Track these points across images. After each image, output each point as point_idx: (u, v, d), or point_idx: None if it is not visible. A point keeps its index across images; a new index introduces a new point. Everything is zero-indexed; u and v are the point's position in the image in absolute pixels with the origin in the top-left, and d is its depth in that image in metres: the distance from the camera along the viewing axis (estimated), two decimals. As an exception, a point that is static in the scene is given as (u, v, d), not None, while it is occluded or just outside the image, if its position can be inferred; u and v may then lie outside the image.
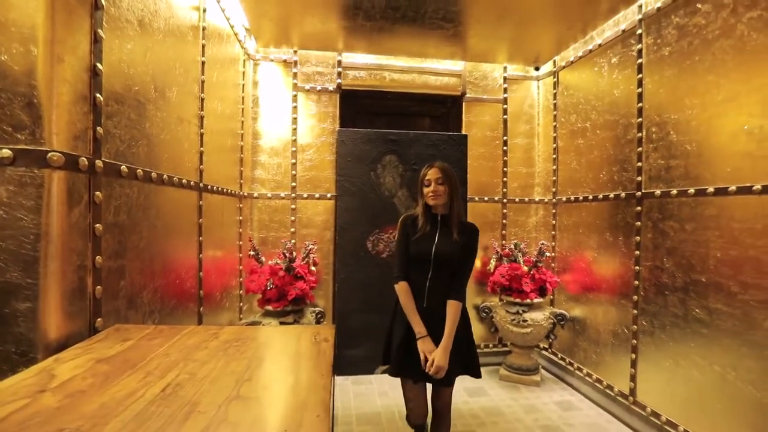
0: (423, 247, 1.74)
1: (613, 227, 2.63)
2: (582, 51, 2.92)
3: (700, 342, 2.02)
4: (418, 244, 1.75)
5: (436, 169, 1.78)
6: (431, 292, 1.75)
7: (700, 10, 2.06)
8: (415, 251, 1.76)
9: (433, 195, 1.74)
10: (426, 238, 1.76)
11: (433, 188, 1.74)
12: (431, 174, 1.77)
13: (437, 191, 1.74)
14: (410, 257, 1.77)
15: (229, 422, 0.70)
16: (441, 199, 1.75)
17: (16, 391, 0.80)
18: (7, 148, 1.02)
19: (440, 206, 1.77)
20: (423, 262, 1.75)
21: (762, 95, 1.79)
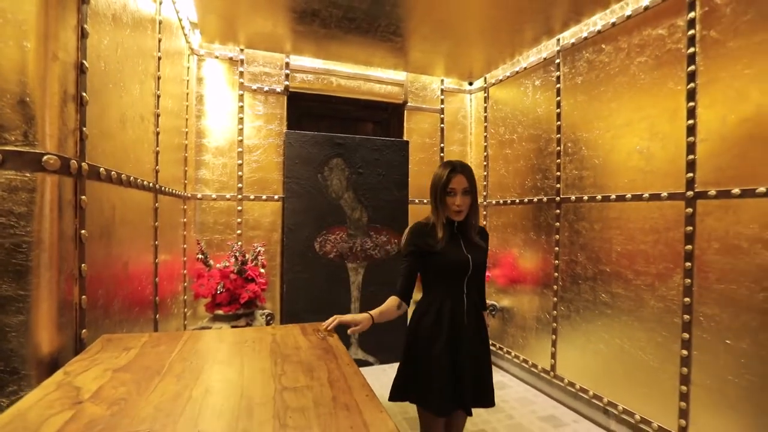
0: (456, 256, 1.51)
1: (536, 227, 3.06)
2: (510, 71, 3.34)
3: (605, 321, 2.49)
4: (448, 255, 1.50)
5: (462, 177, 1.48)
6: (470, 307, 1.54)
7: (604, 50, 2.54)
8: (448, 262, 1.51)
9: (457, 210, 1.48)
10: (453, 247, 1.52)
11: (459, 200, 1.47)
12: (457, 182, 1.48)
13: (463, 205, 1.49)
14: (439, 271, 1.52)
15: (294, 408, 0.79)
16: (465, 213, 1.52)
17: (50, 404, 0.78)
18: (-5, 149, 0.95)
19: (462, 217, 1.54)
20: (458, 274, 1.52)
21: (648, 123, 2.27)
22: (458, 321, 1.51)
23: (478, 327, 1.58)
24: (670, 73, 2.16)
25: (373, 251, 3.37)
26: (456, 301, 1.53)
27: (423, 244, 1.52)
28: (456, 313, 1.52)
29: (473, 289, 1.57)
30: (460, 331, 1.50)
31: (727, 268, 1.91)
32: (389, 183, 3.42)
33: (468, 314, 1.54)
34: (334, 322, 1.47)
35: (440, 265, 1.51)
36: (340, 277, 3.27)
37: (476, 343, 1.55)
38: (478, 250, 1.57)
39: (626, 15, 2.38)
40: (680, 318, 2.08)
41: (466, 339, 1.50)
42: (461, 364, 1.48)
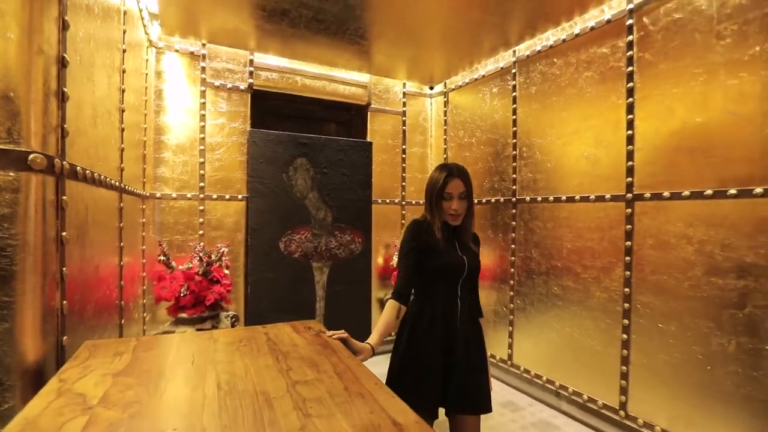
0: (453, 258, 1.48)
1: (494, 226, 3.26)
2: (469, 78, 3.52)
3: (556, 312, 2.73)
4: (446, 256, 1.47)
5: (459, 182, 1.45)
6: (464, 310, 1.51)
7: (556, 63, 2.78)
8: (445, 263, 1.47)
9: (454, 215, 1.46)
10: (449, 249, 1.49)
11: (455, 205, 1.45)
12: (454, 186, 1.45)
13: (460, 209, 1.46)
14: (434, 271, 1.48)
15: (312, 399, 0.84)
16: (461, 218, 1.50)
17: (58, 411, 0.77)
18: (-27, 147, 0.89)
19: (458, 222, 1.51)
20: (453, 277, 1.49)
21: (594, 132, 2.53)
22: (452, 326, 1.47)
23: (474, 332, 1.54)
24: (612, 87, 2.42)
25: (337, 250, 3.40)
26: (450, 304, 1.48)
27: (423, 242, 1.48)
28: (450, 318, 1.47)
29: (467, 293, 1.53)
30: (455, 335, 1.46)
31: (659, 261, 2.18)
32: (353, 183, 3.47)
33: (462, 318, 1.49)
34: (342, 335, 1.33)
35: (437, 266, 1.46)
36: (305, 276, 3.27)
37: (471, 348, 1.50)
38: (473, 254, 1.54)
39: (575, 33, 2.62)
40: (621, 306, 2.34)
41: (459, 343, 1.46)
42: (453, 368, 1.44)
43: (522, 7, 2.51)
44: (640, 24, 2.29)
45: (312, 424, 0.74)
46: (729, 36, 1.93)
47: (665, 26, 2.18)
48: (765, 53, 1.81)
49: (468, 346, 1.49)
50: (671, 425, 2.11)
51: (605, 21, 2.45)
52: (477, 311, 1.63)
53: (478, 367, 1.53)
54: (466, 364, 1.47)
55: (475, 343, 1.53)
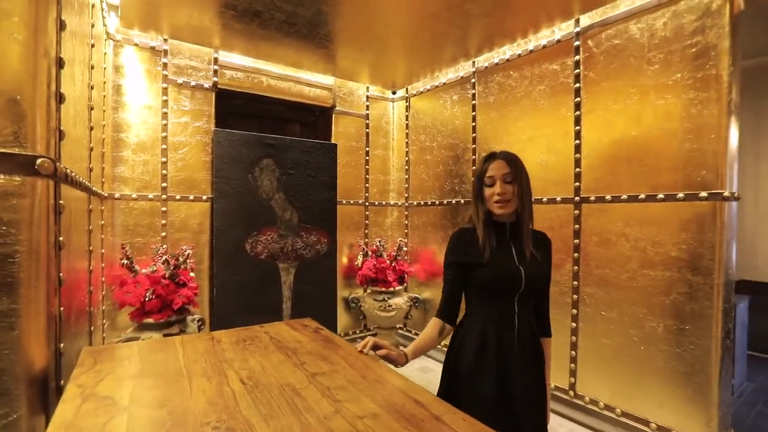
0: (505, 269, 1.25)
1: (454, 226, 3.47)
2: (430, 85, 3.70)
3: (513, 304, 2.98)
4: (495, 267, 1.25)
5: (501, 162, 1.25)
6: (522, 330, 1.27)
7: (512, 76, 3.02)
8: (493, 277, 1.25)
9: (500, 200, 1.23)
10: (502, 258, 1.26)
11: (499, 189, 1.22)
12: (495, 168, 1.25)
13: (505, 193, 1.22)
14: (481, 287, 1.28)
15: (335, 387, 0.92)
16: (511, 205, 1.25)
17: (93, 413, 0.79)
18: (-24, 150, 0.87)
19: (508, 214, 1.27)
20: (506, 292, 1.26)
21: (546, 140, 2.80)
22: (507, 348, 1.24)
23: (533, 356, 1.29)
24: (562, 101, 2.70)
25: (303, 251, 3.43)
26: (505, 324, 1.25)
27: (464, 255, 1.28)
28: (504, 340, 1.24)
29: (527, 310, 1.29)
30: (511, 360, 1.23)
31: (602, 256, 2.48)
32: (319, 184, 3.52)
33: (520, 340, 1.25)
34: (369, 344, 1.20)
35: (484, 280, 1.25)
36: (271, 277, 3.27)
37: (530, 376, 1.27)
38: (533, 262, 1.27)
39: (529, 49, 2.88)
40: (570, 298, 2.63)
41: (518, 370, 1.23)
42: (514, 401, 1.21)
43: (481, 23, 2.71)
44: (586, 46, 2.58)
45: (344, 408, 0.82)
46: (657, 63, 2.25)
47: (606, 49, 2.48)
48: (684, 79, 2.14)
49: (526, 374, 1.25)
50: (612, 400, 2.41)
51: (556, 41, 2.72)
52: (547, 329, 1.39)
53: (537, 402, 1.30)
54: (527, 400, 1.24)
55: (533, 371, 1.29)
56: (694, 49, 2.12)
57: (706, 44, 2.08)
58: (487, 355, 1.24)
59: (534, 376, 1.29)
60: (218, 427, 0.74)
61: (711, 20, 2.07)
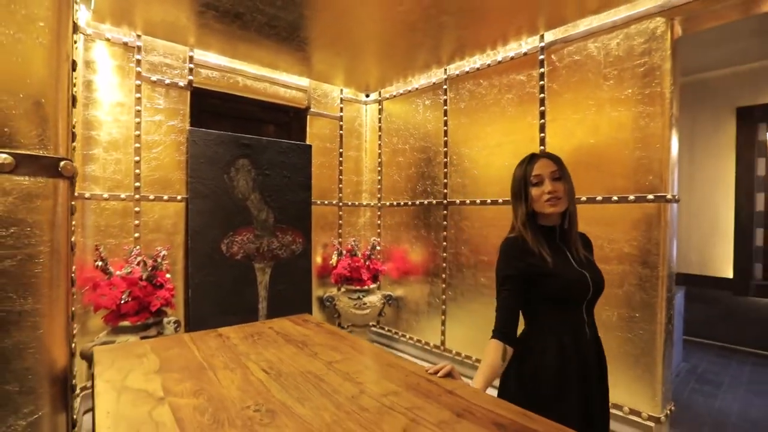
0: (572, 276, 1.18)
1: (426, 226, 3.63)
2: (403, 89, 3.84)
3: (484, 299, 3.18)
4: (564, 275, 1.17)
5: (547, 161, 1.22)
6: (593, 338, 1.22)
7: (482, 84, 3.22)
8: (564, 285, 1.17)
9: (551, 198, 1.19)
10: (562, 265, 1.19)
11: (550, 186, 1.19)
12: (542, 167, 1.22)
13: (557, 191, 1.19)
14: (552, 299, 1.20)
15: (353, 372, 1.02)
16: (562, 203, 1.21)
17: (134, 403, 0.84)
18: (6, 152, 0.88)
19: (555, 215, 1.23)
20: (577, 299, 1.19)
21: (513, 145, 3.01)
22: (587, 361, 1.17)
23: (602, 366, 1.24)
24: (528, 110, 2.92)
25: (279, 251, 3.46)
26: (578, 335, 1.17)
27: (526, 266, 1.20)
28: (582, 351, 1.16)
29: (593, 317, 1.24)
30: (590, 372, 1.16)
31: (564, 253, 2.72)
32: (294, 185, 3.55)
33: (592, 351, 1.19)
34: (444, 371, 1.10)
35: (554, 290, 1.16)
36: (247, 277, 3.27)
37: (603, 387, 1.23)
38: (591, 265, 1.24)
39: (498, 60, 3.09)
40: (535, 291, 2.85)
41: (596, 382, 1.17)
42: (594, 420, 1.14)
43: (454, 34, 2.88)
44: (549, 59, 2.81)
45: (367, 389, 0.93)
46: (612, 78, 2.52)
47: (568, 64, 2.72)
48: (635, 95, 2.42)
49: (602, 383, 1.22)
50: (574, 383, 2.65)
51: (522, 53, 2.95)
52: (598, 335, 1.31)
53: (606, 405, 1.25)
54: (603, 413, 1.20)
55: (603, 378, 1.25)
56: (642, 68, 2.39)
57: (652, 65, 2.36)
58: (570, 374, 1.13)
59: (605, 390, 1.22)
60: (259, 409, 0.82)
61: (656, 44, 2.35)
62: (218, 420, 0.77)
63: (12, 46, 0.87)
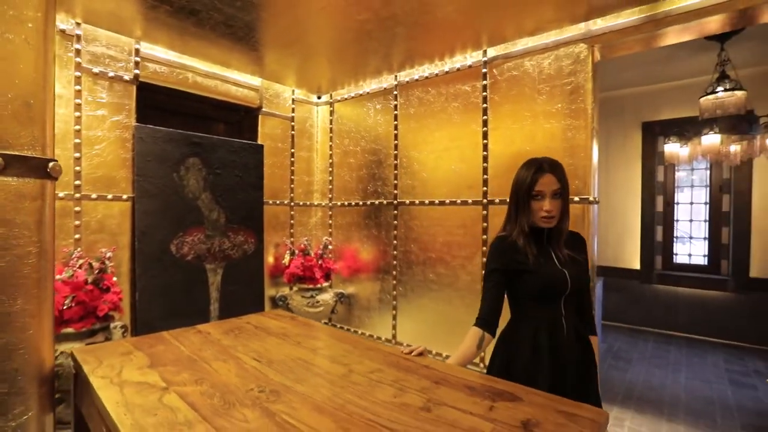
0: (550, 273, 1.30)
1: (377, 225, 3.79)
2: (354, 93, 3.97)
3: (432, 295, 3.41)
4: (542, 273, 1.30)
5: (552, 178, 1.31)
6: (571, 333, 1.32)
7: (431, 92, 3.45)
8: (542, 282, 1.30)
9: (547, 216, 1.29)
10: (546, 262, 1.32)
11: (548, 206, 1.29)
12: (545, 183, 1.30)
13: (553, 210, 1.30)
14: (530, 294, 1.33)
15: (337, 356, 1.13)
16: (556, 219, 1.32)
17: (140, 393, 0.89)
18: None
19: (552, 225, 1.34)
20: (553, 296, 1.31)
21: (459, 151, 3.27)
22: (560, 354, 1.28)
23: (583, 357, 1.33)
24: (473, 118, 3.19)
25: (231, 251, 3.43)
26: (554, 327, 1.29)
27: (510, 262, 1.34)
28: (556, 344, 1.28)
29: (572, 312, 1.34)
30: (565, 364, 1.27)
31: (504, 249, 3.02)
32: (246, 184, 3.54)
33: (568, 342, 1.29)
34: (416, 351, 1.26)
35: (533, 286, 1.31)
36: (198, 279, 3.21)
37: (581, 376, 1.31)
38: (574, 263, 1.33)
39: (445, 70, 3.33)
40: (480, 285, 3.13)
41: (571, 373, 1.27)
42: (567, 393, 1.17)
43: (405, 44, 3.06)
44: (491, 73, 3.10)
45: (354, 368, 1.05)
46: (545, 94, 2.85)
47: (507, 78, 3.03)
48: (563, 109, 2.76)
49: (577, 371, 1.30)
50: (513, 366, 2.95)
51: (468, 66, 3.21)
52: (587, 329, 1.41)
53: (588, 396, 1.32)
54: (576, 392, 1.27)
55: (583, 367, 1.33)
56: (569, 86, 2.75)
57: (577, 84, 2.72)
58: (542, 366, 1.25)
59: (584, 379, 1.30)
60: (262, 390, 0.91)
61: (580, 66, 2.71)
62: (228, 402, 0.85)
63: (1, 46, 0.87)
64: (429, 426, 0.78)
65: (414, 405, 0.86)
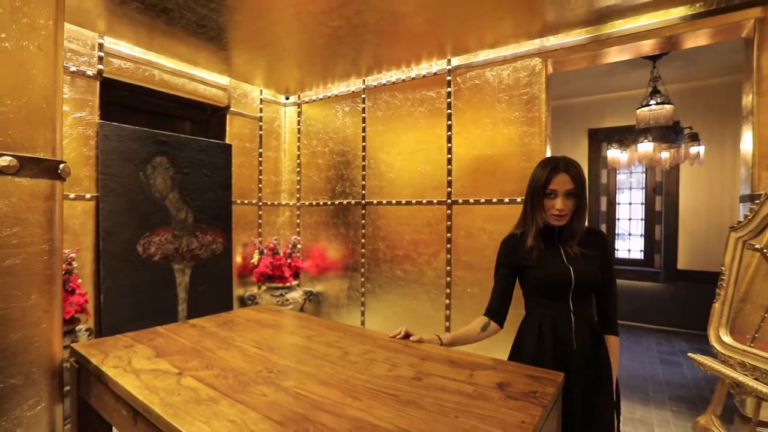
0: (553, 271, 1.34)
1: (346, 224, 3.91)
2: (323, 95, 4.06)
3: (399, 290, 3.58)
4: (546, 268, 1.35)
5: (566, 177, 1.32)
6: (581, 328, 1.32)
7: (398, 96, 3.62)
8: (545, 277, 1.35)
9: (558, 215, 1.33)
10: (551, 258, 1.36)
11: (560, 205, 1.31)
12: (559, 183, 1.32)
13: (565, 209, 1.32)
14: (533, 288, 1.40)
15: (331, 342, 1.26)
16: (567, 218, 1.34)
17: (158, 378, 0.97)
18: (10, 155, 0.93)
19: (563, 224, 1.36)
20: (558, 291, 1.34)
21: (425, 153, 3.47)
22: (565, 346, 1.30)
23: (594, 355, 1.33)
24: (438, 122, 3.39)
25: (199, 251, 3.41)
26: (561, 321, 1.33)
27: (516, 258, 1.42)
28: (561, 337, 1.31)
29: (584, 307, 1.35)
30: (570, 358, 1.29)
31: (467, 246, 3.25)
32: (214, 184, 3.53)
33: (577, 338, 1.31)
34: (402, 332, 1.36)
35: (534, 281, 1.37)
36: (165, 279, 3.18)
37: (590, 374, 1.31)
38: (583, 260, 1.34)
39: (411, 77, 3.52)
40: (444, 280, 3.34)
41: (575, 367, 1.28)
42: (568, 399, 1.23)
43: (373, 50, 3.21)
44: (455, 81, 3.32)
45: (348, 351, 1.18)
46: (503, 102, 3.10)
47: (469, 87, 3.25)
48: (521, 117, 3.03)
49: (584, 375, 1.29)
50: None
51: (433, 73, 3.41)
52: (605, 327, 1.41)
53: (601, 400, 1.32)
54: (585, 396, 1.28)
55: (595, 365, 1.33)
56: (526, 96, 3.01)
57: (533, 94, 2.99)
58: (545, 353, 1.30)
59: (594, 377, 1.30)
60: (271, 371, 1.02)
61: (535, 78, 2.99)
62: (242, 381, 0.95)
63: (16, 53, 0.91)
64: (423, 390, 0.93)
65: (407, 376, 1.01)
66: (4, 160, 0.91)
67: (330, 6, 2.49)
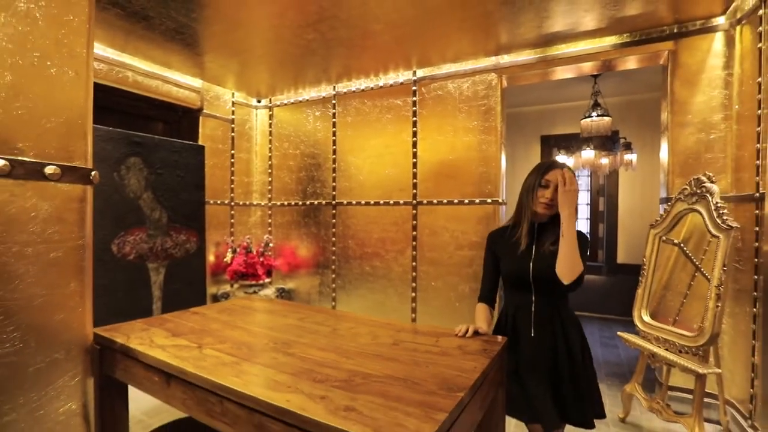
0: (518, 265, 1.48)
1: (317, 224, 4.13)
2: (294, 99, 4.25)
3: (369, 286, 3.85)
4: (512, 263, 1.51)
5: (567, 173, 1.42)
6: (538, 318, 1.46)
7: (367, 103, 3.88)
8: (509, 271, 1.52)
9: (547, 203, 1.45)
10: (522, 254, 1.49)
11: (550, 194, 1.44)
12: (555, 176, 1.44)
13: (553, 201, 1.44)
14: (504, 278, 1.57)
15: (320, 323, 1.50)
16: (553, 210, 1.46)
17: (183, 350, 1.18)
18: (55, 164, 1.10)
19: (545, 215, 1.49)
20: (521, 284, 1.49)
21: (392, 157, 3.76)
22: (523, 332, 1.48)
23: (552, 346, 1.45)
24: (404, 128, 3.69)
25: (173, 250, 3.52)
26: (522, 312, 1.49)
27: (496, 249, 1.61)
28: (522, 326, 1.48)
29: (545, 302, 1.47)
30: (524, 343, 1.46)
31: (432, 243, 3.57)
32: (188, 184, 3.64)
33: (536, 327, 1.45)
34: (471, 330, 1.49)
35: (503, 272, 1.57)
36: (140, 278, 3.27)
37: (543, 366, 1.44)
38: (549, 257, 1.45)
39: (380, 85, 3.79)
40: (410, 275, 3.64)
41: (529, 353, 1.44)
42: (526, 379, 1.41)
43: (343, 60, 3.46)
44: (420, 91, 3.63)
45: (340, 328, 1.43)
46: (464, 112, 3.44)
47: (433, 97, 3.57)
48: (479, 126, 3.38)
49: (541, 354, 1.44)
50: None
51: (400, 83, 3.70)
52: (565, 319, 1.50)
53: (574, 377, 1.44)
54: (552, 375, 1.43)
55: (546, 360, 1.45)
56: (483, 107, 3.37)
57: (490, 105, 3.35)
58: (514, 336, 1.50)
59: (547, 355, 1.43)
60: (276, 343, 1.26)
61: (492, 91, 3.35)
62: (254, 350, 1.18)
63: (58, 78, 1.09)
64: (401, 351, 1.20)
65: (387, 343, 1.27)
66: (50, 169, 1.08)
67: (307, 21, 2.71)
